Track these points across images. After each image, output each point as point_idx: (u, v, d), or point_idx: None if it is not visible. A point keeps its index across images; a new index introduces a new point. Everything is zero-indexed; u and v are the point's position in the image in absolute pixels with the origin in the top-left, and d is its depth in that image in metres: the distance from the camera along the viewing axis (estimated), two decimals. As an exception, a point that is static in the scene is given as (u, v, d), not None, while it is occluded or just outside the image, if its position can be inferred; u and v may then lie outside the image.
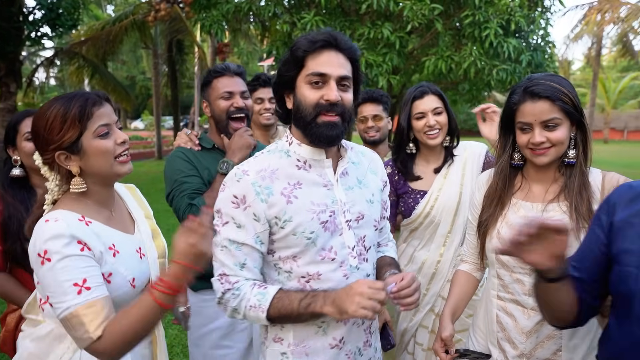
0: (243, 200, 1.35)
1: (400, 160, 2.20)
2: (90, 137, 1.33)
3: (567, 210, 1.50)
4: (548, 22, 7.13)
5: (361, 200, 1.46)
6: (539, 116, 1.44)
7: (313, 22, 6.11)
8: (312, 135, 1.37)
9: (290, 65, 1.37)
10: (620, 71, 37.62)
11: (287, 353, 1.42)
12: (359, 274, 1.43)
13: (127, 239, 1.43)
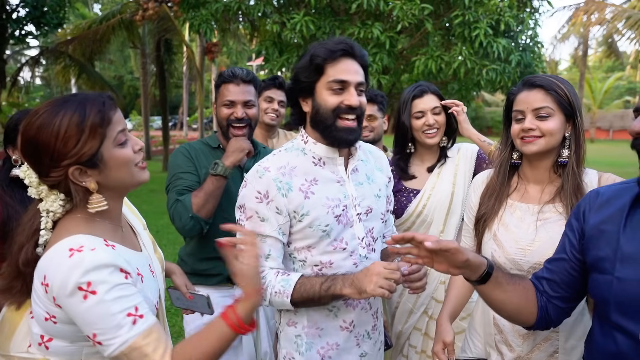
0: (266, 195, 1.45)
1: (403, 160, 2.19)
2: (111, 146, 1.15)
3: (563, 211, 1.49)
4: (537, 23, 7.19)
5: (370, 195, 1.59)
6: (531, 103, 1.47)
7: (303, 22, 6.08)
8: (332, 138, 1.49)
9: (310, 73, 1.46)
10: (605, 71, 38.13)
11: (301, 335, 1.54)
12: (367, 262, 1.52)
13: (141, 258, 1.30)
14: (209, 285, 2.05)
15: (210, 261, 2.04)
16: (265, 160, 1.51)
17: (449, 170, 2.13)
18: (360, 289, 1.37)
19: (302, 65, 1.48)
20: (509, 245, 1.52)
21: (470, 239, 1.72)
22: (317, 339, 1.53)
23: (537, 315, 1.25)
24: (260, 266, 1.43)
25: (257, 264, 1.20)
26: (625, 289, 1.06)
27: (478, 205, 1.66)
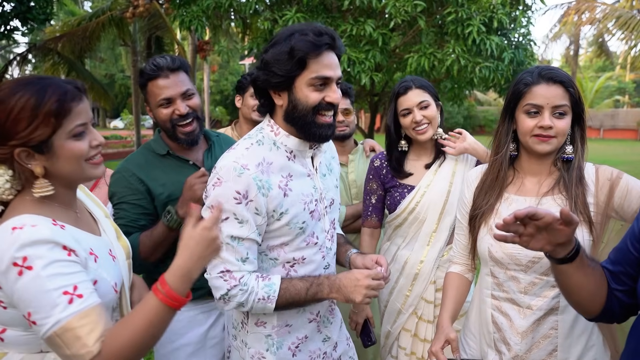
0: (245, 195, 1.36)
1: (395, 160, 2.12)
2: (64, 136, 1.13)
3: (562, 203, 1.46)
4: (529, 21, 7.16)
5: (331, 187, 1.61)
6: (552, 100, 1.41)
7: (295, 19, 6.02)
8: (310, 134, 1.43)
9: (291, 67, 1.35)
10: (596, 71, 38.36)
11: (271, 334, 1.52)
12: (331, 253, 1.60)
13: (99, 241, 1.28)
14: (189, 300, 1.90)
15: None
16: (241, 157, 1.41)
17: (447, 168, 2.06)
18: (348, 298, 1.43)
19: (278, 56, 1.36)
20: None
21: (463, 236, 1.68)
22: (287, 335, 1.54)
23: (604, 306, 1.20)
24: (239, 270, 1.38)
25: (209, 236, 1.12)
26: None
27: (472, 201, 1.61)
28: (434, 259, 2.04)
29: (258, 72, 1.44)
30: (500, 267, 1.52)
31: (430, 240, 2.05)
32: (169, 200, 1.82)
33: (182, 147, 1.90)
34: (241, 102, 2.73)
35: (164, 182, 1.83)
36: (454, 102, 8.60)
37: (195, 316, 1.88)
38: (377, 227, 2.21)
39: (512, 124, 1.52)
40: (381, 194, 2.16)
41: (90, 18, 12.79)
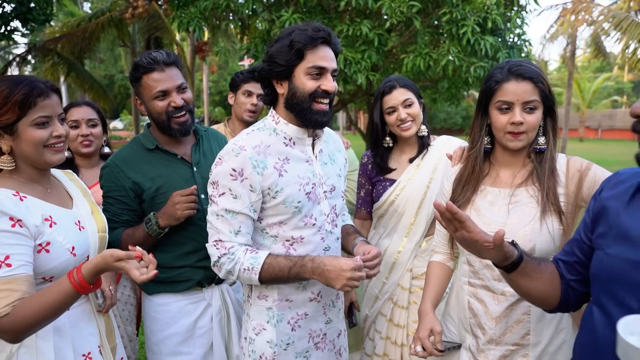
0: (241, 172, 1.51)
1: (380, 156, 2.21)
2: (27, 124, 1.38)
3: (534, 194, 1.53)
4: (524, 21, 7.24)
5: (333, 175, 1.72)
6: (522, 96, 1.47)
7: (292, 20, 6.10)
8: (307, 119, 1.57)
9: (291, 57, 1.52)
10: (594, 72, 38.46)
11: (272, 308, 1.64)
12: (332, 236, 1.69)
13: (65, 212, 1.50)
14: (177, 292, 1.94)
15: (177, 269, 1.93)
16: (240, 139, 1.57)
17: (429, 163, 2.15)
18: (329, 283, 1.51)
19: (280, 49, 1.53)
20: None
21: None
22: (287, 310, 1.64)
23: (560, 299, 1.28)
24: (230, 241, 1.54)
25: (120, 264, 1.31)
26: (611, 264, 1.08)
27: (451, 192, 1.69)
28: (411, 249, 2.14)
29: (263, 64, 1.59)
30: (476, 256, 1.59)
31: (409, 232, 2.15)
32: (157, 194, 1.88)
33: (171, 140, 1.95)
34: (233, 100, 2.79)
35: (152, 176, 1.88)
36: (451, 102, 8.69)
37: (184, 307, 1.95)
38: (366, 219, 2.31)
39: (486, 118, 1.58)
40: (369, 188, 2.26)
41: (90, 19, 12.84)
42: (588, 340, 1.17)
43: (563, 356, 1.53)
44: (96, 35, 12.63)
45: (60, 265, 1.42)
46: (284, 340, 1.65)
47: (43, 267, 1.39)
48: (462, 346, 1.65)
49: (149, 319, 1.99)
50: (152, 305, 1.96)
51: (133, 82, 1.90)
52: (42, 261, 1.38)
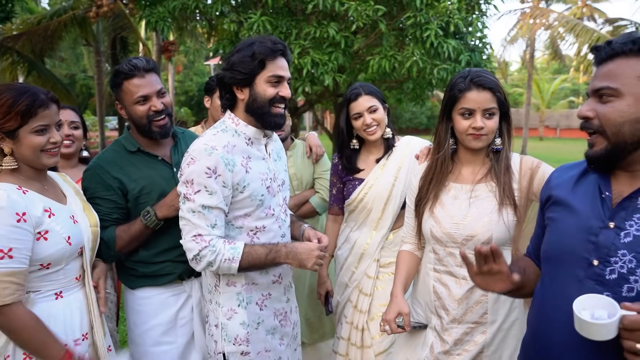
0: (215, 170, 1.65)
1: (345, 157, 2.39)
2: (28, 131, 1.54)
3: (492, 189, 1.70)
4: (484, 25, 7.53)
5: (281, 170, 1.93)
6: (482, 104, 1.65)
7: (260, 22, 6.17)
8: (267, 122, 1.76)
9: (253, 66, 1.69)
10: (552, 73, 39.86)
11: (241, 292, 1.81)
12: (285, 224, 1.92)
13: (61, 206, 1.65)
14: (159, 285, 2.03)
15: (159, 264, 2.02)
16: (210, 140, 1.71)
17: (394, 163, 2.33)
18: (302, 263, 1.73)
19: (242, 59, 1.70)
20: (445, 221, 1.72)
21: (412, 219, 1.91)
22: (254, 292, 1.83)
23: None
24: (209, 234, 1.68)
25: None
26: (559, 240, 1.28)
27: (418, 188, 1.84)
28: (379, 241, 2.32)
29: (224, 72, 1.74)
30: (440, 245, 1.76)
31: (377, 226, 2.33)
32: (141, 194, 1.97)
33: (151, 143, 2.05)
34: (210, 103, 2.91)
35: (136, 178, 1.97)
36: (416, 102, 8.92)
37: (166, 299, 2.05)
38: (339, 214, 2.51)
39: (450, 123, 1.76)
40: (340, 186, 2.45)
41: (52, 17, 12.52)
42: (539, 311, 1.34)
43: (515, 331, 1.72)
44: (58, 34, 12.31)
45: (57, 252, 1.57)
46: (254, 320, 1.83)
47: (41, 253, 1.54)
48: (428, 326, 1.81)
49: (132, 312, 2.07)
50: (135, 299, 2.05)
51: (114, 88, 1.99)
52: (40, 248, 1.53)
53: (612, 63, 1.19)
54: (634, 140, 1.16)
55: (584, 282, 1.20)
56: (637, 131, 1.15)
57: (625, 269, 1.14)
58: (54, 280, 1.60)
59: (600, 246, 1.18)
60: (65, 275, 1.63)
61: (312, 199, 2.72)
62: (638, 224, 1.16)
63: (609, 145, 1.19)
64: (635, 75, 1.15)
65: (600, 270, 1.18)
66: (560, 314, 1.23)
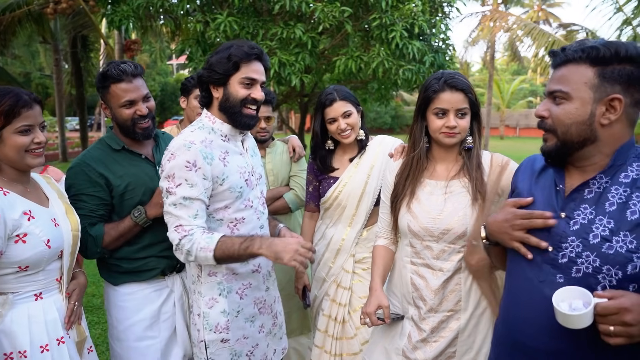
0: (194, 164, 1.72)
1: (319, 158, 2.46)
2: (11, 131, 1.55)
3: (465, 185, 1.81)
4: (447, 27, 7.74)
5: (258, 165, 2.02)
6: (455, 104, 1.75)
7: (227, 23, 6.15)
8: (238, 121, 1.84)
9: (228, 68, 1.78)
10: (512, 74, 41.15)
11: (222, 282, 1.88)
12: (264, 216, 2.00)
13: (43, 209, 1.66)
14: (142, 280, 2.08)
15: (142, 260, 2.07)
16: (188, 136, 1.79)
17: (367, 162, 2.41)
18: (277, 255, 1.67)
19: (220, 60, 1.79)
20: (422, 216, 1.81)
21: (387, 214, 1.99)
22: (234, 282, 1.90)
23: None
24: (189, 225, 1.72)
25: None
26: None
27: (394, 185, 1.92)
28: (354, 237, 2.40)
29: (203, 71, 1.84)
30: (417, 239, 1.84)
31: (351, 222, 2.40)
32: (126, 190, 2.02)
33: (135, 142, 2.12)
34: (186, 103, 2.94)
35: (121, 174, 2.03)
36: (381, 102, 9.07)
37: (149, 294, 2.09)
38: (315, 211, 2.58)
39: (424, 122, 1.85)
40: (316, 184, 2.52)
41: (4, 12, 12.04)
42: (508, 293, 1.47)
43: (486, 318, 1.83)
44: (11, 30, 11.88)
45: (35, 255, 1.57)
46: (234, 308, 1.89)
47: (19, 256, 1.55)
48: (404, 317, 1.89)
49: (115, 308, 2.10)
50: (119, 295, 2.08)
51: (100, 89, 2.05)
52: (18, 251, 1.53)
53: (565, 68, 1.30)
54: (580, 139, 1.29)
55: (541, 266, 1.32)
56: (583, 132, 1.28)
57: (574, 253, 1.27)
58: (33, 282, 1.60)
59: (553, 234, 1.32)
60: (45, 276, 1.63)
61: (286, 195, 2.76)
62: (584, 213, 1.29)
63: (558, 142, 1.32)
64: (583, 81, 1.26)
65: (554, 255, 1.31)
66: (525, 295, 1.36)
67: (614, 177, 1.29)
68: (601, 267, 1.23)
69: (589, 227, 1.27)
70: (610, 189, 1.28)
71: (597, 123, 1.27)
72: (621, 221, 1.24)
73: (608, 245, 1.23)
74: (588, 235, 1.26)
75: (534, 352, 1.34)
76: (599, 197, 1.29)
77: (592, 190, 1.30)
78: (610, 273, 1.22)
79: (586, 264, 1.25)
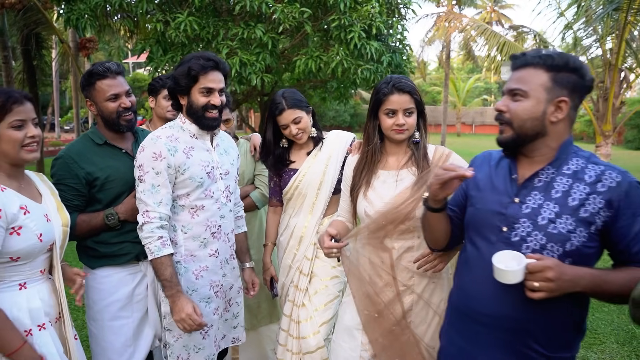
0: (160, 154, 2.02)
1: (274, 157, 2.60)
2: (5, 126, 1.64)
3: (413, 173, 2.04)
4: (404, 28, 8.00)
5: (227, 162, 2.27)
6: (402, 105, 1.98)
7: (187, 22, 6.18)
8: (202, 124, 2.13)
9: (188, 80, 2.06)
10: (467, 73, 42.38)
11: (180, 261, 2.13)
12: (226, 208, 2.24)
13: (36, 204, 1.74)
14: (117, 265, 2.24)
15: (118, 244, 2.24)
16: (157, 132, 2.10)
17: (325, 153, 2.58)
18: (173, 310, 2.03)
19: (181, 73, 2.06)
20: (376, 202, 2.02)
21: (346, 202, 2.19)
22: (191, 263, 2.14)
23: (448, 241, 1.79)
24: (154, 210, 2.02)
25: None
26: (478, 215, 1.62)
27: (352, 176, 2.12)
28: (314, 224, 2.56)
29: (170, 82, 2.12)
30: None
31: (312, 210, 2.56)
32: (107, 181, 2.19)
33: (116, 137, 2.31)
34: (154, 103, 3.04)
35: (102, 167, 2.20)
36: (340, 100, 9.26)
37: (123, 277, 2.27)
38: (277, 206, 2.72)
39: (377, 121, 2.06)
40: (276, 179, 2.67)
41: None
42: (464, 268, 1.68)
43: (440, 290, 2.06)
44: (-47, 25, 11.36)
45: (28, 247, 1.65)
46: (190, 287, 2.13)
47: (12, 247, 1.62)
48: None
49: (92, 290, 2.24)
50: (96, 278, 2.24)
51: (86, 86, 2.25)
52: (12, 242, 1.61)
53: (524, 70, 1.50)
54: (533, 133, 1.49)
55: (496, 244, 1.53)
56: (536, 126, 1.48)
57: (525, 232, 1.49)
58: (19, 272, 1.68)
59: (508, 216, 1.53)
60: (31, 267, 1.70)
61: (252, 193, 2.90)
62: (535, 199, 1.50)
63: (514, 134, 1.52)
64: (539, 83, 1.47)
65: (507, 235, 1.52)
66: (478, 268, 1.58)
67: (559, 168, 1.51)
68: (546, 245, 1.45)
69: (538, 210, 1.48)
70: (556, 178, 1.50)
71: (548, 120, 1.48)
72: (564, 206, 1.45)
73: (553, 226, 1.45)
74: (537, 217, 1.48)
75: (483, 317, 1.56)
76: (547, 185, 1.50)
77: (541, 180, 1.52)
78: (553, 249, 1.44)
79: (534, 242, 1.47)
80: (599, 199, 1.43)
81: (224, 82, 2.13)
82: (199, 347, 2.19)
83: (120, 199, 2.21)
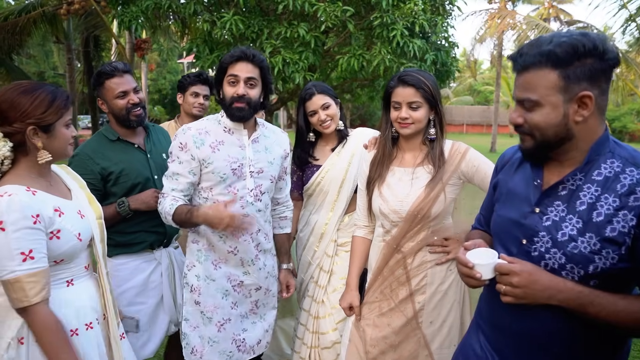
0: (185, 145, 2.10)
1: (301, 149, 2.65)
2: (62, 124, 1.65)
3: (429, 171, 2.00)
4: (449, 25, 7.85)
5: (264, 160, 2.22)
6: (406, 98, 1.95)
7: (232, 22, 6.34)
8: (230, 114, 2.15)
9: (219, 72, 2.13)
10: (521, 71, 40.81)
11: (201, 250, 2.20)
12: (253, 207, 2.19)
13: (68, 202, 1.72)
14: (132, 253, 2.36)
15: (133, 234, 2.35)
16: (191, 124, 2.18)
17: (348, 151, 2.60)
18: (211, 224, 1.96)
19: (218, 67, 2.15)
20: (391, 199, 2.00)
21: (363, 200, 2.20)
22: (211, 253, 2.20)
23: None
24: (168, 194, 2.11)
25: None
26: (499, 222, 1.48)
27: (368, 172, 2.12)
28: (335, 222, 2.58)
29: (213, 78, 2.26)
30: (386, 220, 2.03)
31: (333, 208, 2.59)
32: (121, 175, 2.30)
33: (128, 133, 2.41)
34: (182, 99, 3.18)
35: (116, 162, 2.31)
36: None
37: (138, 265, 2.38)
38: (298, 200, 2.74)
39: (389, 114, 2.05)
40: (299, 173, 2.69)
41: (19, 13, 12.36)
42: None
43: (452, 292, 2.04)
44: (27, 30, 12.14)
45: (70, 249, 1.65)
46: (208, 275, 2.19)
47: (55, 251, 1.61)
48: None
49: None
50: (112, 266, 2.34)
51: (96, 86, 2.36)
52: (54, 246, 1.60)
53: (528, 74, 1.27)
54: (557, 139, 1.28)
55: (517, 256, 1.34)
56: (559, 132, 1.27)
57: (543, 248, 1.30)
58: (65, 270, 1.68)
59: (527, 228, 1.34)
60: (76, 264, 1.72)
61: None
62: (557, 210, 1.30)
63: (536, 143, 1.32)
64: (549, 86, 1.23)
65: (527, 248, 1.34)
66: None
67: (587, 174, 1.28)
68: (565, 265, 1.26)
69: (560, 224, 1.29)
70: (582, 187, 1.28)
71: (572, 122, 1.25)
72: (588, 222, 1.24)
73: (573, 245, 1.25)
74: (557, 232, 1.28)
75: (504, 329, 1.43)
76: (571, 194, 1.29)
77: (566, 187, 1.31)
78: (574, 270, 1.25)
79: (553, 260, 1.28)
80: (630, 216, 1.20)
81: (256, 73, 2.10)
82: (214, 340, 2.20)
83: (134, 192, 2.31)
